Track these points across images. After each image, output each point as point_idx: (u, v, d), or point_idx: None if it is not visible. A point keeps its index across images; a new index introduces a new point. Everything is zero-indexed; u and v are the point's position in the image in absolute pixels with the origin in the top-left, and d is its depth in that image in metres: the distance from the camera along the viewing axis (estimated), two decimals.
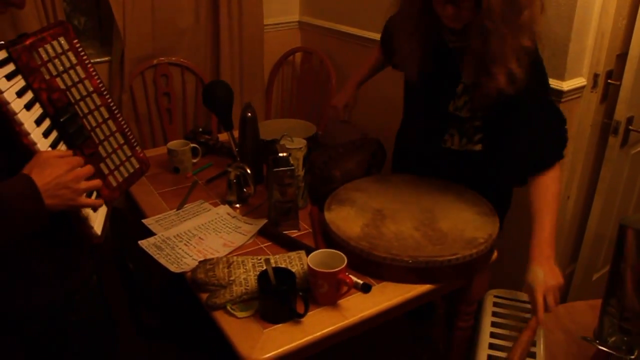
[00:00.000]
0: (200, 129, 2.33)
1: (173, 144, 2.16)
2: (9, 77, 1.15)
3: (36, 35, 1.24)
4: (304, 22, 3.50)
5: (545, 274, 1.53)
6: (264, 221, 1.76)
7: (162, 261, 1.61)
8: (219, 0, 3.04)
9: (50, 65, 1.26)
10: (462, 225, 1.65)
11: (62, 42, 1.31)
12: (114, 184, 1.41)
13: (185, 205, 1.92)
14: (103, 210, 1.35)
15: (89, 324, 1.44)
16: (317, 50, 3.29)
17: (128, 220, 1.98)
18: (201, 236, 1.74)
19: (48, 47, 1.26)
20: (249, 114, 1.97)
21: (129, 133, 1.49)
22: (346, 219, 1.66)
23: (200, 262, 1.55)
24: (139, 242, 1.71)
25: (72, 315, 1.38)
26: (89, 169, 1.22)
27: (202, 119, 3.24)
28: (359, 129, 2.21)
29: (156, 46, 2.99)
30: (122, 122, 1.47)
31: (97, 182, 1.23)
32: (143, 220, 1.84)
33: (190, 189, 2.04)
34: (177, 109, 3.16)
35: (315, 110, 3.35)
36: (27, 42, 1.20)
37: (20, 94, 1.16)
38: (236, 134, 1.99)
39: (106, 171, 1.39)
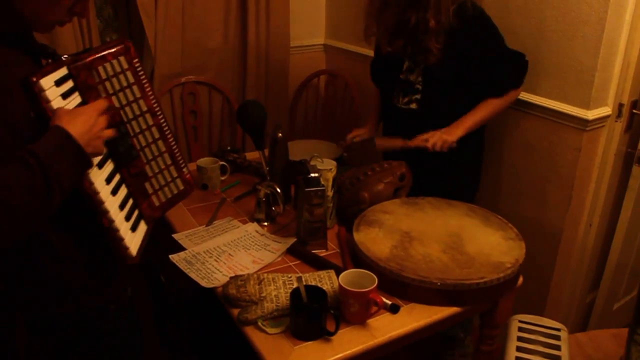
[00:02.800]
0: (229, 148, 2.38)
1: (203, 161, 2.21)
2: (65, 95, 1.18)
3: (98, 53, 1.26)
4: (329, 45, 3.56)
5: (444, 131, 2.05)
6: (293, 240, 1.79)
7: (193, 276, 1.65)
8: (247, 21, 3.10)
9: (107, 84, 1.27)
10: (489, 249, 1.67)
11: (122, 61, 1.31)
12: (157, 203, 1.42)
13: (214, 222, 1.96)
14: (142, 230, 1.37)
15: (121, 334, 1.47)
16: (341, 73, 3.34)
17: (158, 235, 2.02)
18: (231, 252, 1.77)
19: (108, 65, 1.27)
20: (280, 134, 2.01)
21: (177, 154, 1.48)
22: (375, 240, 1.69)
23: (231, 277, 1.58)
24: (170, 256, 1.74)
25: (105, 324, 1.40)
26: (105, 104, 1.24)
27: (227, 138, 3.29)
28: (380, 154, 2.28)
29: (185, 65, 3.05)
30: (172, 143, 1.46)
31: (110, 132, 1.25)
32: (173, 235, 1.87)
33: (218, 205, 2.07)
34: (203, 127, 3.21)
35: (338, 133, 3.38)
36: (88, 60, 1.23)
37: None
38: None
39: (150, 190, 1.40)
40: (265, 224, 1.95)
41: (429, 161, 2.09)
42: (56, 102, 1.15)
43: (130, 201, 1.34)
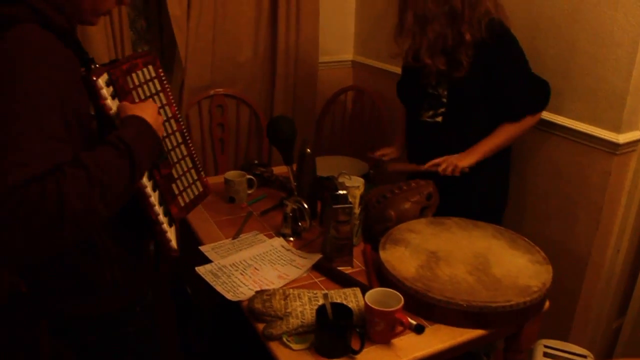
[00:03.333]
0: (256, 161, 2.39)
1: (230, 174, 2.22)
2: (112, 96, 1.25)
3: (130, 62, 1.33)
4: (357, 61, 3.57)
5: (456, 157, 2.08)
6: (319, 256, 1.79)
7: (219, 288, 1.66)
8: (277, 36, 3.13)
9: (139, 90, 1.34)
10: (516, 272, 1.66)
11: (151, 69, 1.40)
12: (182, 203, 1.48)
13: (241, 235, 1.97)
14: (174, 228, 1.43)
15: (144, 339, 1.48)
16: (369, 89, 3.35)
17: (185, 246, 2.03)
18: (256, 266, 1.78)
19: (140, 73, 1.35)
20: (308, 150, 2.03)
21: (196, 158, 1.57)
22: (401, 259, 1.68)
23: (257, 292, 1.59)
24: (197, 268, 1.76)
25: (130, 326, 1.42)
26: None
27: (253, 151, 3.31)
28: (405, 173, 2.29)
29: (214, 77, 3.08)
30: (192, 148, 1.55)
31: None
32: (200, 247, 1.89)
33: (245, 219, 2.09)
34: (230, 140, 3.23)
35: (364, 149, 3.38)
36: (124, 67, 1.30)
37: None
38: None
39: (176, 191, 1.46)
40: (291, 239, 1.95)
41: (455, 181, 2.09)
42: (109, 101, 1.23)
43: (163, 200, 1.41)
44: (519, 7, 2.32)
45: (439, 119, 2.17)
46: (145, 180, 1.31)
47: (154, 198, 1.33)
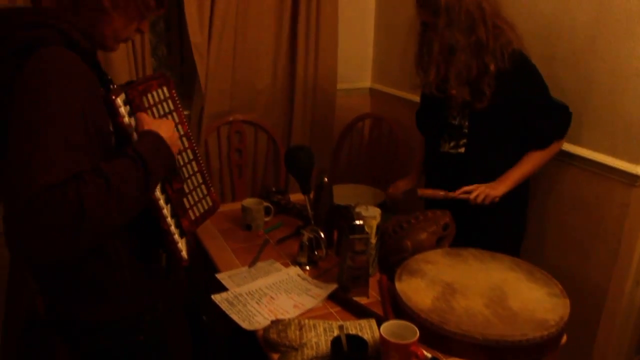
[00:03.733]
0: (274, 189, 2.41)
1: (247, 202, 2.24)
2: (129, 115, 1.31)
3: (145, 83, 1.40)
4: (375, 89, 3.60)
5: (487, 186, 2.08)
6: (334, 286, 1.80)
7: (234, 317, 1.66)
8: (296, 64, 3.17)
9: (154, 109, 1.41)
10: (533, 305, 1.65)
11: (165, 90, 1.47)
12: (193, 217, 1.53)
13: (257, 263, 1.98)
14: (184, 241, 1.48)
15: (153, 351, 1.50)
16: (386, 117, 3.36)
17: (197, 274, 2.05)
18: (272, 295, 1.78)
19: (154, 93, 1.42)
20: (325, 179, 2.04)
21: (206, 174, 1.64)
22: (417, 291, 1.68)
23: (272, 321, 1.59)
24: (212, 296, 1.76)
25: (141, 334, 1.45)
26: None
27: (271, 177, 3.33)
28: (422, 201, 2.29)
29: (233, 104, 3.12)
30: (202, 165, 1.62)
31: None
32: (217, 275, 1.90)
33: (261, 247, 2.10)
34: (248, 166, 3.26)
35: (382, 178, 3.39)
36: (141, 87, 1.37)
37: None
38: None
39: (187, 205, 1.52)
40: (308, 268, 1.96)
41: (473, 211, 2.09)
42: (126, 118, 1.29)
43: (175, 213, 1.46)
44: (537, 39, 2.33)
45: (462, 150, 2.19)
46: (158, 193, 1.37)
47: (166, 210, 1.39)
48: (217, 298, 1.76)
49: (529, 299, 1.68)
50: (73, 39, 1.20)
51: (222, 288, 1.82)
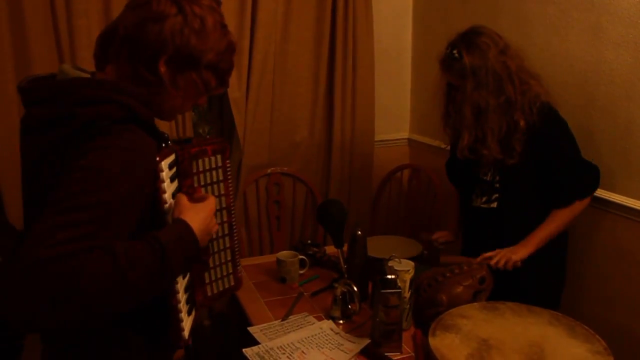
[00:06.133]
0: (309, 241, 2.40)
1: (282, 254, 2.24)
2: (172, 178, 1.27)
3: (200, 147, 1.36)
4: (413, 139, 3.59)
5: (510, 250, 2.05)
6: (367, 341, 1.76)
7: None
8: (333, 117, 3.20)
9: (201, 176, 1.37)
10: None
11: (218, 159, 1.42)
12: (209, 293, 1.46)
13: (290, 317, 1.96)
14: (192, 316, 1.39)
15: None
16: (425, 167, 3.34)
17: (231, 327, 2.03)
18: (304, 350, 1.76)
19: (207, 159, 1.38)
20: (359, 232, 2.02)
21: (237, 252, 1.55)
22: (451, 347, 1.63)
23: None
24: (244, 350, 1.75)
25: None
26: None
27: (309, 229, 3.33)
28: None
29: (271, 156, 3.16)
30: (236, 241, 1.54)
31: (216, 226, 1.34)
32: (249, 329, 1.89)
33: (295, 300, 2.08)
34: (286, 218, 3.27)
35: (421, 228, 3.35)
36: (193, 151, 1.34)
37: (172, 195, 1.28)
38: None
39: (207, 280, 1.45)
40: (341, 322, 1.93)
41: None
42: (166, 184, 1.24)
43: (190, 286, 1.38)
44: (574, 88, 2.31)
45: (494, 205, 2.16)
46: None
47: (180, 285, 1.28)
48: (248, 352, 1.74)
49: (569, 356, 1.61)
50: (135, 110, 1.17)
51: (254, 342, 1.81)
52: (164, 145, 1.27)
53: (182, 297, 1.29)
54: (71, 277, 0.96)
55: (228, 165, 1.46)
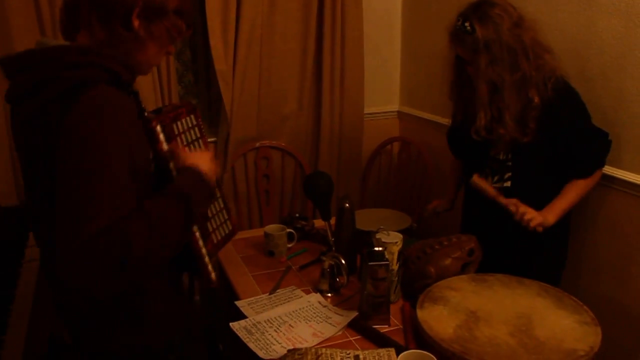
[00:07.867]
0: (297, 215, 2.38)
1: (270, 228, 2.22)
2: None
3: (175, 111, 1.43)
4: (403, 112, 3.56)
5: (541, 212, 1.96)
6: (355, 313, 1.75)
7: (251, 346, 1.63)
8: (322, 89, 3.16)
9: (183, 136, 1.43)
10: (561, 334, 1.57)
11: (192, 118, 1.50)
12: (215, 241, 1.52)
13: (278, 290, 1.95)
14: (211, 263, 1.48)
15: None
16: (415, 140, 3.32)
17: (221, 302, 2.02)
18: (291, 323, 1.75)
19: (184, 121, 1.45)
20: (347, 205, 2.00)
21: (227, 200, 1.65)
22: (439, 319, 1.63)
23: (289, 350, 1.56)
24: (231, 324, 1.74)
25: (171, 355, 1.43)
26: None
27: (298, 202, 3.32)
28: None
29: (260, 130, 3.13)
30: (223, 191, 1.63)
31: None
32: (236, 302, 1.87)
33: (283, 274, 2.07)
34: (275, 191, 3.25)
35: (410, 201, 3.34)
36: (171, 115, 1.40)
37: None
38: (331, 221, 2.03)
39: (210, 229, 1.51)
40: (329, 295, 1.92)
41: (513, 238, 2.04)
42: (165, 146, 1.32)
43: (203, 235, 1.46)
44: (565, 56, 2.26)
45: (508, 184, 2.09)
46: None
47: (198, 234, 1.40)
48: (235, 326, 1.73)
49: (557, 327, 1.61)
50: (117, 73, 1.23)
51: (241, 316, 1.80)
52: (145, 114, 1.32)
53: (202, 244, 1.42)
54: (122, 244, 1.05)
55: (201, 123, 1.54)
